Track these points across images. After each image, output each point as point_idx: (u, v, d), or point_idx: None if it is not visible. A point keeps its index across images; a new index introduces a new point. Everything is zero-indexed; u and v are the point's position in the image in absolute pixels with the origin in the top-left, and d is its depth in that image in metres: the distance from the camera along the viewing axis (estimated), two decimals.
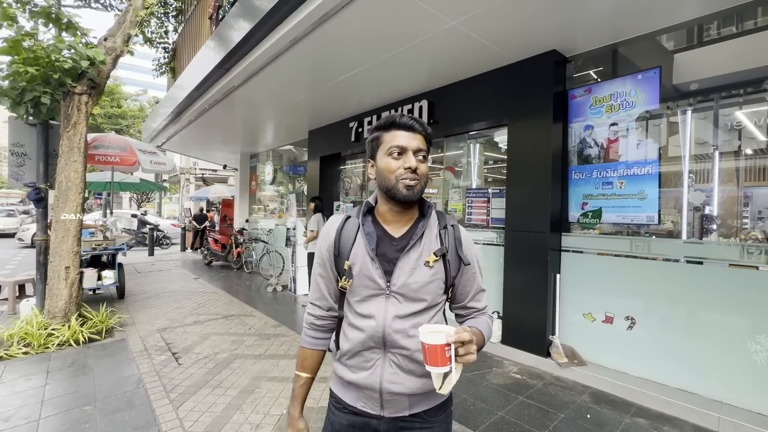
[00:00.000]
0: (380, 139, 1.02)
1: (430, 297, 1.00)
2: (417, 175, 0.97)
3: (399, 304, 0.98)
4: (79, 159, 4.19)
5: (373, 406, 1.00)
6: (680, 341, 2.86)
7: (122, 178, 9.06)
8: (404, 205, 1.01)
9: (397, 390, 0.98)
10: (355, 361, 1.02)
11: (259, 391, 2.97)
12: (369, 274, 0.99)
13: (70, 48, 3.98)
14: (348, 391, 1.04)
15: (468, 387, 3.06)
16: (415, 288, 0.98)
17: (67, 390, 2.98)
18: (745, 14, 2.96)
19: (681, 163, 3.19)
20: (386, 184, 0.99)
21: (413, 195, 0.97)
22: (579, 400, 2.88)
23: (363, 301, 1.01)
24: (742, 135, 3.40)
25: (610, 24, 3.01)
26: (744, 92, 3.15)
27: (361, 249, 1.01)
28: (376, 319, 0.98)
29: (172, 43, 8.46)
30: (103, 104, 22.08)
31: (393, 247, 1.01)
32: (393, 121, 1.01)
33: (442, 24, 3.01)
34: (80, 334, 3.89)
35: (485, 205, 4.29)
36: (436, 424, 1.04)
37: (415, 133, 0.99)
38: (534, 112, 3.54)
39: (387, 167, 0.99)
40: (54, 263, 4.08)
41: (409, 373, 0.98)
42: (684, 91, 3.33)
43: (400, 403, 1.00)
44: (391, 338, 0.97)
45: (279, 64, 4.00)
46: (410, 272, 0.98)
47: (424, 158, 1.00)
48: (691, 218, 3.22)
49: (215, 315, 5.07)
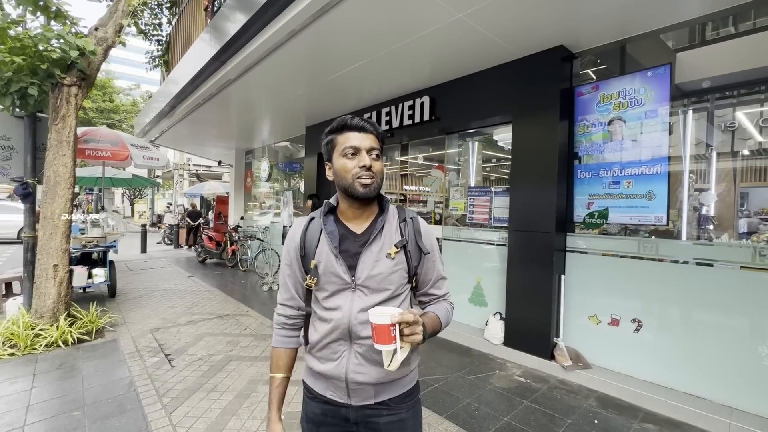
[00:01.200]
0: (334, 142, 1.07)
1: (393, 286, 1.05)
2: (372, 173, 1.02)
3: (364, 296, 1.03)
4: (69, 153, 4.03)
5: (341, 395, 1.06)
6: (688, 345, 2.80)
7: (114, 174, 8.87)
8: (363, 202, 1.06)
9: (362, 380, 1.02)
10: (323, 353, 1.06)
11: (256, 395, 2.87)
12: (334, 271, 1.04)
13: (59, 37, 3.81)
14: (318, 381, 1.09)
15: (471, 391, 2.98)
16: (379, 279, 1.03)
17: (54, 394, 2.85)
18: (753, 12, 2.90)
19: (682, 163, 3.14)
20: (344, 184, 1.04)
21: (370, 192, 1.02)
22: (585, 404, 2.81)
23: (330, 297, 1.05)
24: (740, 135, 3.37)
25: (619, 18, 2.93)
26: (761, 90, 3.09)
27: (325, 247, 1.06)
28: (342, 312, 1.03)
29: (166, 36, 8.26)
30: (95, 98, 21.68)
31: (356, 242, 1.06)
32: (344, 123, 1.06)
33: (447, 16, 2.91)
34: (69, 334, 3.75)
35: (487, 204, 4.21)
36: (403, 411, 1.09)
37: (367, 133, 1.05)
38: (540, 109, 3.46)
39: (343, 167, 1.03)
40: (42, 261, 3.93)
41: (373, 363, 1.02)
42: (686, 90, 3.27)
43: (366, 392, 1.04)
44: (355, 329, 1.02)
45: (276, 57, 3.87)
46: (373, 265, 1.03)
47: (378, 156, 1.06)
48: (691, 219, 3.18)
49: (210, 314, 4.95)
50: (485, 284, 4.14)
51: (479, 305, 4.17)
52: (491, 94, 3.87)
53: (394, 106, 4.93)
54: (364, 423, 1.06)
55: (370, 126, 1.05)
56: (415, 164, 7.20)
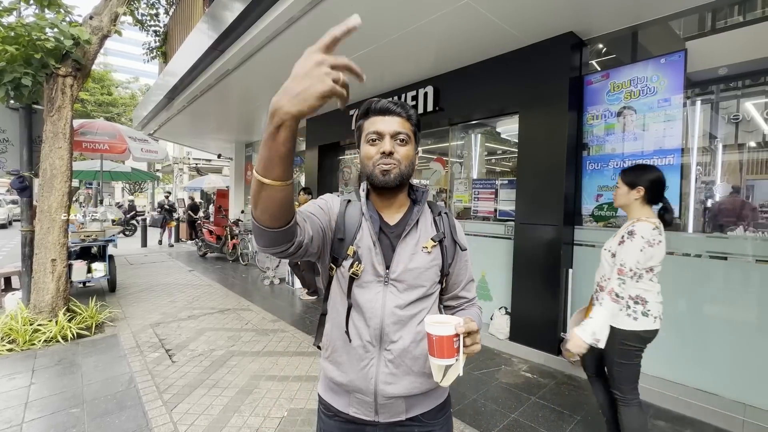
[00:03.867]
0: (361, 128, 0.99)
1: (428, 284, 0.97)
2: (393, 160, 0.93)
3: (398, 293, 0.94)
4: (65, 145, 3.95)
5: (367, 412, 0.93)
6: (700, 340, 2.73)
7: (113, 167, 8.79)
8: (387, 191, 0.98)
9: (393, 392, 0.91)
10: (346, 359, 0.94)
11: (258, 392, 2.82)
12: (370, 260, 0.94)
13: (53, 26, 3.70)
14: (338, 396, 0.97)
15: (478, 387, 2.93)
16: (415, 274, 0.95)
17: (53, 390, 2.80)
18: (761, 1, 2.78)
19: (698, 154, 3.05)
20: (366, 171, 0.97)
21: (389, 180, 0.93)
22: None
23: (361, 288, 0.94)
24: (747, 127, 3.26)
25: (629, 3, 2.82)
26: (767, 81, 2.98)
27: (365, 233, 0.96)
28: (374, 310, 0.92)
29: (163, 26, 8.11)
30: (93, 91, 21.50)
31: (390, 234, 0.98)
32: (369, 107, 0.97)
33: (455, 1, 2.80)
34: (68, 329, 3.70)
35: (492, 196, 4.12)
36: (436, 427, 0.99)
37: (393, 116, 0.95)
38: (548, 99, 3.36)
39: (366, 154, 0.96)
40: (39, 255, 3.86)
41: (406, 372, 0.92)
42: (694, 80, 3.16)
43: (397, 407, 0.93)
44: (387, 330, 0.92)
45: (275, 45, 3.77)
46: (409, 258, 0.95)
47: (405, 141, 0.95)
48: (700, 211, 3.09)
49: (210, 309, 4.90)
50: (490, 278, 4.08)
51: (484, 299, 4.10)
52: (497, 84, 3.77)
53: (398, 96, 4.82)
54: None
55: (396, 107, 0.96)
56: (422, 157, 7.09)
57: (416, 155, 1.01)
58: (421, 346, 0.93)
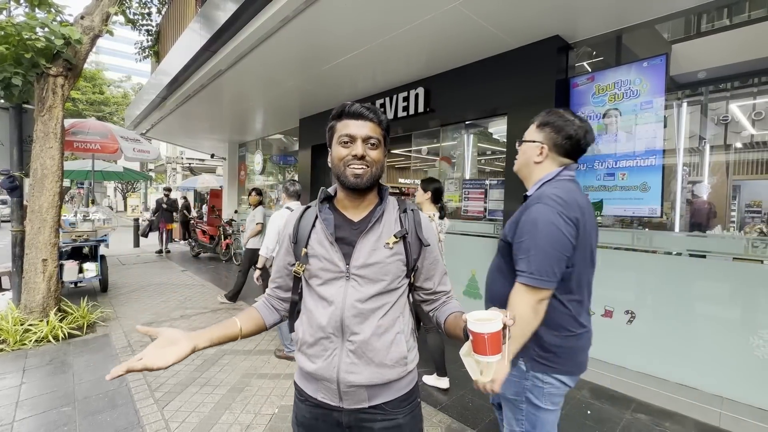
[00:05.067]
0: (334, 129, 1.04)
1: (389, 278, 1.00)
2: (364, 163, 0.99)
3: (359, 287, 0.99)
4: (56, 145, 3.94)
5: (332, 398, 1.00)
6: (681, 336, 2.82)
7: (104, 167, 8.75)
8: (358, 192, 1.02)
9: (355, 381, 0.97)
10: (313, 350, 1.01)
11: (249, 389, 2.85)
12: (329, 257, 1.00)
13: (44, 26, 3.70)
14: (308, 382, 1.05)
15: (465, 383, 2.99)
16: (375, 269, 0.99)
17: (44, 390, 2.81)
18: (748, 4, 2.87)
19: (685, 155, 3.14)
20: (337, 172, 1.02)
21: (361, 182, 0.99)
22: (578, 395, 2.83)
23: (324, 285, 1.01)
24: (733, 128, 3.37)
25: (615, 6, 2.89)
26: (755, 82, 3.09)
27: (320, 234, 1.03)
28: (335, 303, 0.98)
29: (156, 26, 8.09)
30: (84, 90, 21.28)
31: (353, 231, 1.03)
32: (343, 110, 1.02)
33: (443, 4, 2.85)
34: (59, 329, 3.70)
35: (482, 196, 4.19)
36: (400, 416, 1.03)
37: (365, 121, 1.00)
38: (535, 101, 3.42)
39: (337, 155, 1.01)
40: (30, 255, 3.86)
41: (365, 361, 0.97)
42: (681, 82, 3.26)
43: (359, 395, 0.99)
44: (349, 323, 0.97)
45: (268, 46, 3.79)
46: (369, 253, 0.99)
47: (375, 145, 1.01)
48: (685, 211, 3.19)
49: (203, 309, 4.91)
50: (480, 277, 4.14)
51: (474, 297, 4.17)
52: (486, 86, 3.83)
53: (389, 97, 4.87)
54: (358, 428, 1.01)
55: (369, 113, 1.01)
56: (415, 157, 7.06)
57: (385, 158, 1.07)
58: (382, 339, 0.99)
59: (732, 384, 2.58)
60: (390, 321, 1.00)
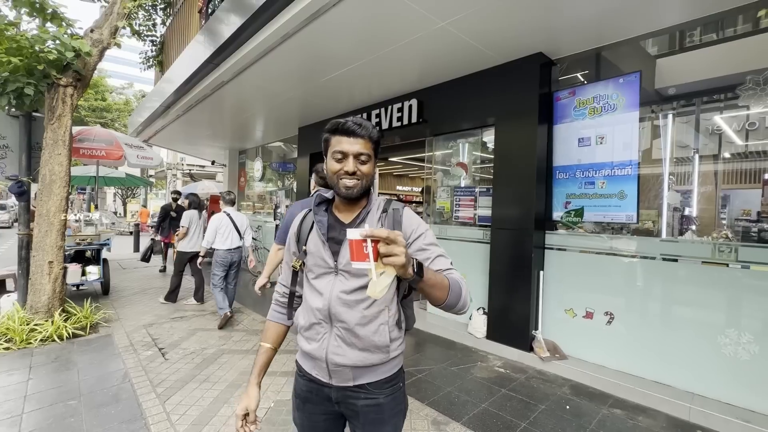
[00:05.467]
0: (328, 142, 1.15)
1: None
2: (355, 178, 1.11)
3: (345, 280, 1.12)
4: (64, 152, 4.12)
5: (323, 375, 1.15)
6: (656, 335, 2.98)
7: (107, 173, 8.91)
8: (349, 200, 1.16)
9: (341, 361, 1.10)
10: (309, 333, 1.16)
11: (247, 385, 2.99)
12: (321, 255, 1.15)
13: (55, 39, 3.90)
14: (306, 360, 1.20)
15: (453, 381, 3.13)
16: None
17: (50, 385, 2.95)
18: (725, 22, 3.08)
19: (661, 164, 3.32)
20: (331, 182, 1.15)
21: (352, 193, 1.12)
22: (559, 392, 2.98)
23: (317, 278, 1.16)
24: (721, 139, 3.56)
25: (594, 28, 3.11)
26: (724, 97, 3.28)
27: (314, 234, 1.18)
28: (324, 294, 1.13)
29: (160, 36, 8.33)
30: (87, 97, 21.50)
31: (343, 231, 1.13)
32: (336, 127, 1.13)
33: (432, 24, 3.07)
34: (64, 329, 3.84)
35: (472, 203, 4.37)
36: (381, 397, 1.15)
37: (357, 138, 1.10)
38: (520, 113, 3.63)
39: (331, 168, 1.13)
40: (37, 258, 4.01)
41: (351, 346, 1.11)
42: (665, 95, 3.46)
43: (345, 374, 1.13)
44: (335, 310, 1.11)
45: (270, 59, 4.00)
46: None
47: (365, 161, 1.12)
48: (671, 218, 3.36)
49: (202, 311, 5.05)
50: (469, 280, 4.29)
51: None
52: (475, 98, 4.04)
53: (384, 108, 5.08)
54: (345, 403, 1.15)
55: (361, 130, 1.10)
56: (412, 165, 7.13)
57: (375, 167, 1.21)
58: (366, 328, 1.11)
59: (701, 381, 2.74)
60: (374, 312, 1.13)
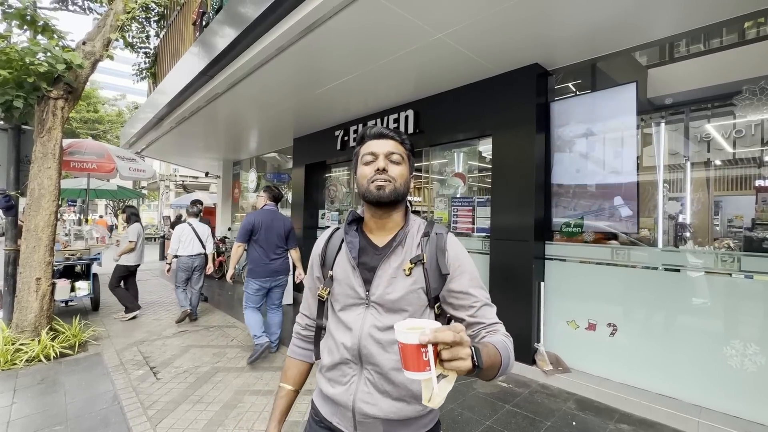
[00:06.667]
0: (358, 153, 1.06)
1: (412, 308, 0.95)
2: (387, 176, 0.97)
3: (378, 315, 0.95)
4: (54, 166, 4.03)
5: (347, 425, 0.96)
6: (660, 347, 2.94)
7: (98, 185, 8.77)
8: (383, 209, 1.00)
9: (370, 412, 0.91)
10: (332, 374, 0.99)
11: (243, 406, 2.88)
12: (350, 283, 0.98)
13: (46, 51, 3.84)
14: (326, 404, 1.02)
15: (455, 397, 3.05)
16: (394, 298, 0.94)
17: (35, 409, 2.82)
18: (713, 33, 3.13)
19: (656, 173, 3.33)
20: (361, 190, 1.01)
21: (383, 195, 0.96)
22: (564, 407, 2.91)
23: (343, 310, 0.99)
24: (711, 146, 3.59)
25: (589, 39, 3.12)
26: (713, 106, 3.32)
27: (343, 257, 1.02)
28: (353, 330, 0.95)
29: (154, 48, 8.30)
30: (78, 109, 21.34)
31: (376, 255, 0.99)
32: (364, 133, 1.06)
33: (428, 36, 3.06)
34: (51, 348, 3.70)
35: (470, 213, 4.34)
36: None
37: (386, 139, 1.02)
38: (517, 123, 3.62)
39: (362, 174, 1.02)
40: (24, 274, 3.88)
41: (383, 393, 0.92)
42: (657, 104, 3.49)
43: (374, 428, 0.93)
44: (367, 351, 0.93)
45: (264, 71, 3.97)
46: (389, 281, 0.95)
47: (398, 162, 1.00)
48: (667, 227, 3.36)
49: (196, 326, 4.92)
50: None
51: None
52: (472, 109, 4.04)
53: (380, 119, 5.07)
54: None
55: (390, 132, 1.03)
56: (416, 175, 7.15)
57: (411, 177, 1.07)
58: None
59: (708, 393, 2.69)
60: None
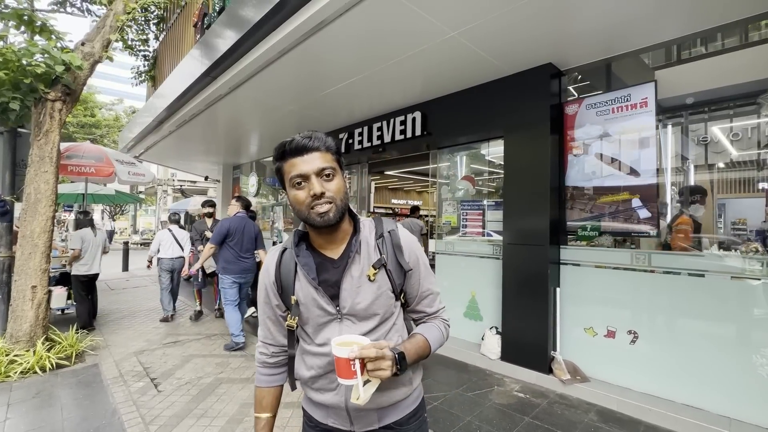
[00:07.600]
0: (282, 171, 0.96)
1: (382, 310, 0.99)
2: (326, 199, 0.91)
3: (353, 325, 0.98)
4: (51, 170, 3.90)
5: (343, 423, 1.01)
6: (684, 355, 2.82)
7: (96, 190, 8.63)
8: (327, 229, 0.96)
9: (363, 406, 0.95)
10: (320, 384, 1.01)
11: (249, 420, 2.74)
12: (317, 304, 0.97)
13: (44, 52, 3.73)
14: (317, 409, 1.05)
15: (472, 408, 2.93)
16: (364, 306, 0.97)
17: (30, 425, 2.67)
18: (725, 34, 3.06)
19: (673, 174, 3.25)
20: (301, 216, 0.95)
21: (329, 219, 0.92)
22: (586, 419, 2.79)
23: (317, 331, 0.99)
24: (714, 148, 3.53)
25: (603, 38, 3.04)
26: (730, 106, 3.26)
27: (303, 281, 0.98)
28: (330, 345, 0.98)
29: (153, 51, 8.18)
30: (76, 113, 21.18)
31: (335, 270, 0.98)
32: (284, 149, 0.93)
33: (441, 34, 2.97)
34: (47, 359, 3.55)
35: (480, 217, 4.23)
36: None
37: (311, 153, 0.91)
38: (530, 124, 3.53)
39: (295, 199, 0.93)
40: (19, 282, 3.74)
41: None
42: (665, 106, 3.41)
43: (369, 418, 1.00)
44: None
45: (267, 73, 3.87)
46: (356, 291, 0.96)
47: (331, 175, 0.93)
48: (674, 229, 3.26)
49: (197, 335, 4.77)
50: (480, 298, 4.13)
51: (475, 319, 4.14)
52: (482, 110, 3.94)
53: (386, 121, 4.97)
54: None
55: (312, 142, 0.91)
56: (408, 178, 7.10)
57: (345, 181, 1.00)
58: None
59: (738, 404, 2.57)
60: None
